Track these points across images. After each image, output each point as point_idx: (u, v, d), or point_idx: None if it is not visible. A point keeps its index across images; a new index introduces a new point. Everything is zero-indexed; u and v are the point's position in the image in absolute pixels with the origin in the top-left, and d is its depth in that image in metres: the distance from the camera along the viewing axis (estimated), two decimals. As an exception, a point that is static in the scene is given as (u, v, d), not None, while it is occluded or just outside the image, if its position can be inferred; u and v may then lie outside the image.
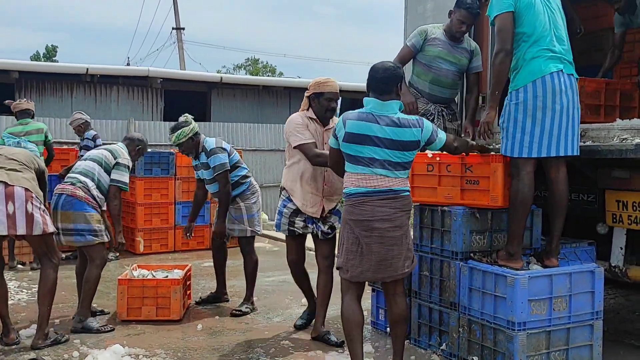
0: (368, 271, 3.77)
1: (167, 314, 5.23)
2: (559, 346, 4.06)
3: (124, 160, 5.20)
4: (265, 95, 14.90)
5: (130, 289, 5.21)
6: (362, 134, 3.75)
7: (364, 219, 3.72)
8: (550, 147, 4.06)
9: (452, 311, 4.39)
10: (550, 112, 4.04)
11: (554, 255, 4.24)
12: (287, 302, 5.99)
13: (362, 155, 3.75)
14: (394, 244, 3.75)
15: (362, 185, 3.75)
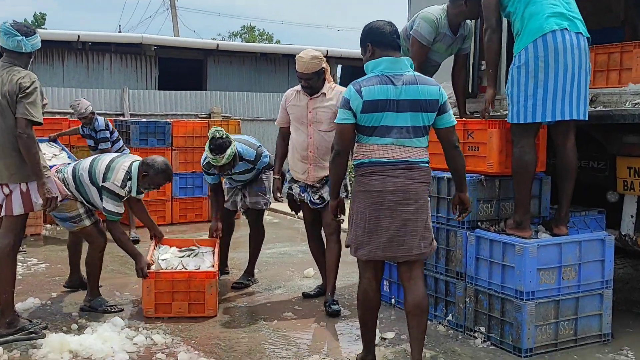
0: (377, 249, 3.50)
1: (201, 310, 4.70)
2: (567, 316, 4.10)
3: (109, 184, 4.65)
4: (263, 63, 14.79)
5: (158, 283, 4.67)
6: (382, 100, 3.44)
7: (374, 190, 3.46)
8: (554, 111, 4.03)
9: (458, 281, 4.41)
10: (553, 72, 3.99)
11: (563, 224, 4.25)
12: (288, 274, 6.02)
13: (380, 124, 3.46)
14: (407, 219, 3.46)
15: (375, 156, 3.48)
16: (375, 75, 3.51)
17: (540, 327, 4.01)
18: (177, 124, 9.07)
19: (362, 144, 3.54)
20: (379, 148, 3.48)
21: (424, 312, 3.53)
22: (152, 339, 4.22)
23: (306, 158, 4.92)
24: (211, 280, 4.71)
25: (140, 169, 4.79)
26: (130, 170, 4.77)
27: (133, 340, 4.16)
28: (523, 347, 3.96)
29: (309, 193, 4.96)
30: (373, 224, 3.48)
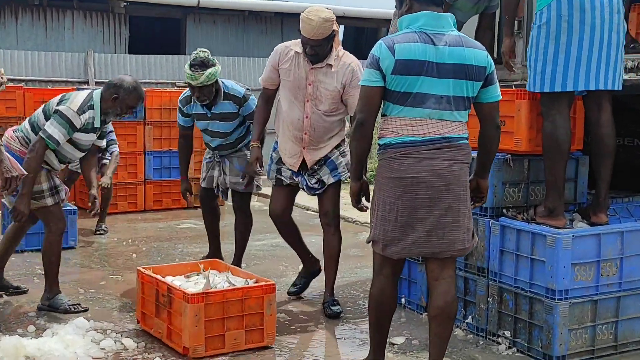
0: (412, 245, 3.43)
1: (258, 337, 4.19)
2: (607, 318, 4.12)
3: (65, 109, 4.63)
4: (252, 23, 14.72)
5: (209, 308, 4.05)
6: (418, 61, 3.34)
7: (408, 177, 3.37)
8: (577, 80, 4.04)
9: (479, 278, 4.43)
10: (578, 35, 3.99)
11: (602, 211, 4.27)
12: (281, 269, 6.05)
13: (415, 91, 3.37)
14: (449, 207, 3.39)
15: (406, 134, 3.39)
16: (412, 31, 3.42)
17: (575, 332, 4.03)
18: (151, 93, 9.03)
19: (390, 117, 3.46)
20: (411, 123, 3.41)
21: (451, 318, 3.50)
22: (122, 343, 4.24)
23: (300, 140, 4.80)
24: (270, 296, 4.22)
25: (106, 93, 4.75)
26: (92, 97, 4.75)
27: (100, 345, 4.17)
28: (554, 355, 3.98)
29: (305, 176, 4.88)
30: (407, 217, 3.42)
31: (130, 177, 8.73)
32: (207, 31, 14.32)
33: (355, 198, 3.69)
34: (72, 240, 6.62)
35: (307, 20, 4.51)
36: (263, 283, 4.27)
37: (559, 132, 4.10)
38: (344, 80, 4.66)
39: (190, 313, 3.95)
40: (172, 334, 4.15)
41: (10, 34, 12.53)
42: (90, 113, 4.71)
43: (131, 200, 8.76)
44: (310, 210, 9.01)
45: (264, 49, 14.68)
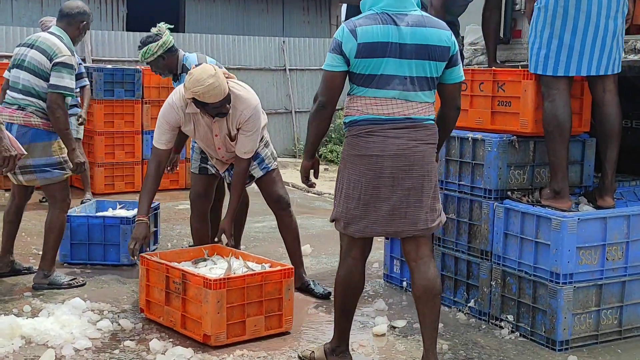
0: (375, 224, 3.47)
1: (277, 324, 4.17)
2: (611, 303, 4.14)
3: (62, 57, 4.76)
4: (252, 1, 14.66)
5: (230, 294, 3.99)
6: (381, 43, 3.37)
7: (372, 155, 3.41)
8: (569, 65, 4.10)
9: (483, 261, 4.44)
10: (572, 21, 4.05)
11: (608, 194, 4.27)
12: (281, 251, 6.03)
13: (379, 72, 3.40)
14: (412, 187, 3.44)
15: (371, 112, 3.44)
16: (374, 13, 3.45)
17: (579, 316, 4.04)
18: (149, 71, 8.87)
19: (356, 96, 3.48)
20: (377, 102, 3.43)
21: (435, 296, 3.52)
22: (119, 324, 4.26)
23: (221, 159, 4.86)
24: (289, 280, 4.19)
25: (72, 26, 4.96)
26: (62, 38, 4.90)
27: (97, 325, 4.19)
28: (558, 339, 4.00)
29: (231, 170, 4.86)
30: (370, 195, 3.45)
31: (128, 157, 8.73)
32: (206, 9, 14.27)
33: (305, 174, 3.72)
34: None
35: (209, 88, 4.23)
36: (280, 267, 4.24)
37: (558, 112, 4.12)
38: (239, 122, 4.54)
39: (213, 299, 3.88)
40: (187, 322, 4.10)
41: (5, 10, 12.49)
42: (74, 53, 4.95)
43: (128, 181, 8.77)
44: (310, 193, 9.02)
45: (264, 28, 14.64)
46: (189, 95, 4.30)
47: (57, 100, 4.73)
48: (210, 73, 4.24)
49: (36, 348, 3.90)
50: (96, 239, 5.50)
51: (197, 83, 4.22)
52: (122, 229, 5.47)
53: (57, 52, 4.78)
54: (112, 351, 3.90)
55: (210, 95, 4.25)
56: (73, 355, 3.82)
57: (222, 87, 4.28)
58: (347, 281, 3.61)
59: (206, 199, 5.04)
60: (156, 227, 6.04)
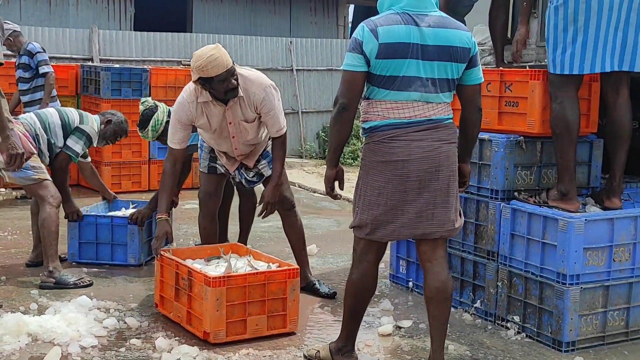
0: (403, 227, 3.45)
1: (281, 324, 4.16)
2: (618, 304, 4.13)
3: (87, 127, 5.28)
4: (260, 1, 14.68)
5: (230, 292, 4.02)
6: (403, 43, 3.33)
7: (398, 160, 3.38)
8: (594, 62, 4.06)
9: (489, 262, 4.44)
10: (596, 16, 3.99)
11: (615, 195, 4.27)
12: (287, 251, 6.03)
13: (400, 74, 3.36)
14: (439, 188, 3.42)
15: (393, 117, 3.39)
16: (395, 12, 3.43)
17: (586, 317, 4.03)
18: (157, 71, 9.05)
19: (375, 101, 3.45)
20: (398, 106, 3.40)
21: (447, 298, 3.52)
22: (126, 322, 4.27)
23: (232, 158, 4.85)
24: (294, 280, 4.18)
25: (101, 118, 5.50)
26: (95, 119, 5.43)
27: (103, 323, 4.21)
28: (564, 340, 3.99)
29: (242, 170, 4.87)
30: (397, 200, 3.42)
31: (135, 156, 8.75)
32: (213, 9, 14.28)
33: (330, 185, 3.63)
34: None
35: (210, 60, 4.23)
36: (286, 267, 4.23)
37: (567, 113, 4.11)
38: (255, 106, 4.52)
39: (212, 297, 3.91)
40: (192, 319, 4.12)
41: (14, 9, 12.52)
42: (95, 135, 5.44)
43: (135, 180, 8.79)
44: (317, 193, 9.02)
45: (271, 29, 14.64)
46: (194, 76, 4.30)
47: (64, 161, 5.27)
48: (210, 47, 4.27)
49: (42, 345, 3.92)
50: (104, 239, 5.52)
51: (198, 58, 4.24)
52: (129, 229, 5.48)
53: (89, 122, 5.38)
54: (118, 349, 3.91)
55: (212, 67, 4.22)
56: (79, 353, 3.84)
57: (223, 58, 4.26)
58: (362, 284, 3.61)
59: (216, 198, 5.03)
60: None
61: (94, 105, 8.75)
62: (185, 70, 9.39)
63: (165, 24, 14.12)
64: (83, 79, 9.05)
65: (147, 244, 5.64)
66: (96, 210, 5.83)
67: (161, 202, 4.56)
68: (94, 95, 8.75)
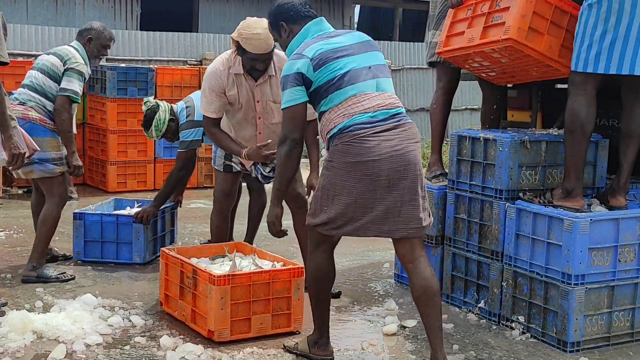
0: (370, 224, 3.51)
1: (285, 323, 4.14)
2: (623, 305, 4.12)
3: (75, 64, 5.06)
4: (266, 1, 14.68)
5: (235, 290, 4.01)
6: (331, 49, 3.55)
7: (368, 160, 3.43)
8: (621, 64, 4.03)
9: (493, 262, 4.43)
10: (628, 17, 3.98)
11: (622, 194, 4.27)
12: (292, 250, 6.05)
13: (344, 70, 3.51)
14: (406, 187, 3.48)
15: (356, 111, 3.48)
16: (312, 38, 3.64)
17: (591, 318, 4.02)
18: (162, 71, 9.06)
19: (334, 106, 3.53)
20: (357, 100, 3.51)
21: (435, 294, 3.54)
22: (131, 320, 4.27)
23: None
24: (298, 279, 4.16)
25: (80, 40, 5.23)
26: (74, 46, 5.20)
27: (108, 322, 4.21)
28: (569, 341, 3.98)
29: (259, 165, 4.83)
30: (366, 198, 3.48)
31: (140, 155, 8.76)
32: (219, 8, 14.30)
33: (279, 223, 3.76)
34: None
35: (254, 35, 4.33)
36: (291, 266, 4.22)
37: (582, 111, 4.10)
38: None
39: (216, 295, 3.91)
40: (196, 317, 4.12)
41: (20, 9, 12.56)
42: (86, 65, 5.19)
43: (140, 179, 8.80)
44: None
45: (277, 28, 14.64)
46: (235, 35, 4.39)
47: (64, 104, 4.98)
48: (262, 25, 4.28)
49: (47, 343, 3.92)
50: (109, 237, 5.53)
51: (246, 27, 4.33)
52: (134, 228, 5.48)
53: (72, 58, 5.07)
54: (122, 347, 3.92)
55: (251, 43, 4.32)
56: (84, 351, 3.84)
57: (266, 41, 4.33)
58: (320, 273, 3.70)
59: (231, 198, 5.04)
60: (173, 227, 6.07)
61: (100, 104, 8.77)
62: (191, 70, 9.41)
63: (171, 23, 14.14)
64: (89, 78, 9.04)
65: (152, 243, 5.65)
66: (102, 209, 5.84)
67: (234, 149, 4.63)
68: (100, 95, 8.76)
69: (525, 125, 5.36)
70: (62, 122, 4.97)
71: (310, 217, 3.65)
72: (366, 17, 19.64)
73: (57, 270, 5.08)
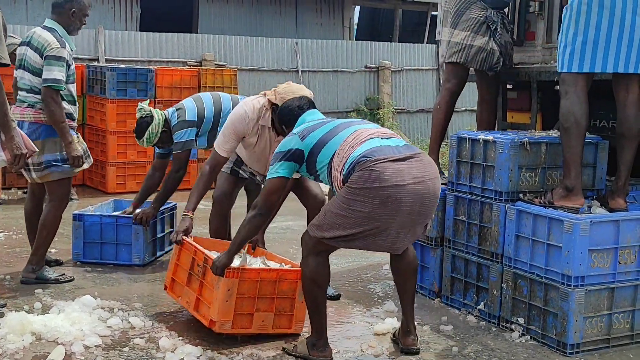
0: (383, 241, 3.64)
1: (286, 324, 4.14)
2: (623, 307, 4.11)
3: (51, 50, 4.84)
4: (265, 2, 14.69)
5: (242, 284, 4.01)
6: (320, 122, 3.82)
7: (391, 185, 3.48)
8: (594, 62, 4.11)
9: (493, 263, 4.42)
10: (596, 18, 4.06)
11: (621, 196, 4.26)
12: (291, 252, 6.05)
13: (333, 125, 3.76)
14: (422, 213, 3.63)
15: (364, 139, 3.63)
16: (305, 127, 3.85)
17: (591, 320, 4.02)
18: (162, 72, 9.06)
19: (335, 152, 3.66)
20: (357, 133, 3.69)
21: (415, 270, 3.98)
22: (130, 321, 4.26)
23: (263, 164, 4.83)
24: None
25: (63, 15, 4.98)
26: (55, 30, 4.95)
27: (107, 323, 4.20)
28: (569, 343, 3.98)
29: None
30: (384, 221, 3.56)
31: (140, 156, 8.75)
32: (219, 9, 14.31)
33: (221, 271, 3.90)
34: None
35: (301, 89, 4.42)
36: (298, 268, 4.14)
37: (575, 108, 4.15)
38: None
39: (223, 287, 3.92)
40: (200, 305, 4.14)
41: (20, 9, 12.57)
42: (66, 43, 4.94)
43: (140, 180, 8.72)
44: (321, 194, 9.00)
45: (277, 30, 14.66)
46: (278, 99, 4.40)
47: (50, 94, 4.82)
48: (306, 92, 4.34)
49: (46, 344, 3.91)
50: (109, 239, 5.52)
51: (291, 94, 4.33)
52: (134, 229, 5.48)
53: (47, 46, 4.85)
54: (121, 349, 3.91)
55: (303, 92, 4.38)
56: (83, 352, 3.83)
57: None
58: (317, 278, 3.73)
59: (231, 199, 5.04)
60: (172, 228, 6.06)
61: (100, 105, 8.77)
62: (190, 71, 9.40)
63: (170, 24, 14.15)
64: (89, 79, 9.06)
65: (151, 244, 5.64)
66: (101, 210, 5.83)
67: (190, 201, 4.57)
68: (100, 96, 8.76)
69: (525, 126, 5.38)
70: (52, 112, 4.81)
71: (317, 229, 3.67)
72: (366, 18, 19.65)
73: (56, 271, 5.08)
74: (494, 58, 4.95)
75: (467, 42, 4.94)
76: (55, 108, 4.82)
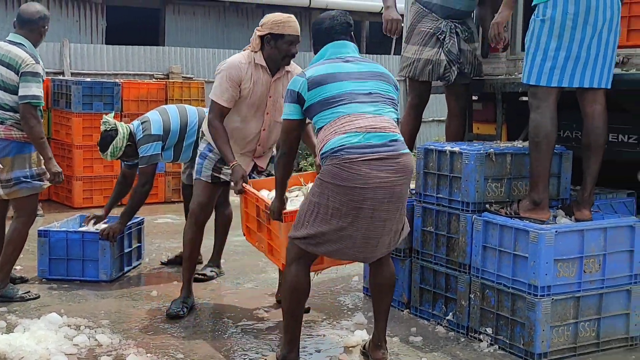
0: (348, 249, 3.64)
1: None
2: (589, 315, 4.15)
3: (27, 67, 4.79)
4: (232, 15, 14.68)
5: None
6: (331, 73, 3.67)
7: (355, 186, 3.50)
8: (573, 77, 4.16)
9: (461, 274, 4.45)
10: (580, 34, 4.11)
11: (586, 207, 4.30)
12: (260, 265, 6.04)
13: (341, 91, 3.61)
14: (387, 219, 3.60)
15: (349, 130, 3.54)
16: (324, 60, 3.79)
17: (557, 329, 4.05)
18: (128, 85, 8.99)
19: (325, 125, 3.62)
20: (350, 119, 3.58)
21: (392, 286, 3.94)
22: (97, 339, 4.22)
23: (251, 152, 4.78)
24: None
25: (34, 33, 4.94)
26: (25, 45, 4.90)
27: (73, 341, 4.15)
28: (536, 352, 4.01)
29: (254, 173, 4.82)
30: (348, 223, 3.57)
31: (107, 170, 8.67)
32: (186, 22, 14.26)
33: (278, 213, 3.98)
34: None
35: (290, 22, 4.56)
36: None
37: (547, 122, 4.18)
38: None
39: (285, 231, 3.98)
40: (272, 250, 4.33)
41: None
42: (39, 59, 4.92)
43: (107, 195, 8.62)
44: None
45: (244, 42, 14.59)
46: (264, 31, 4.54)
47: (29, 111, 4.79)
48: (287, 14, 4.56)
49: (11, 364, 3.86)
50: (75, 255, 5.45)
51: (276, 16, 4.54)
52: (101, 245, 5.42)
53: (21, 63, 4.81)
54: (88, 367, 3.87)
55: (289, 26, 4.53)
56: (49, 371, 3.79)
57: (297, 26, 4.58)
58: (296, 288, 3.72)
59: (209, 210, 4.93)
60: (140, 243, 6.01)
61: (65, 119, 8.69)
62: (157, 84, 9.35)
63: (137, 37, 14.06)
64: (54, 92, 8.96)
65: (118, 260, 5.59)
66: (67, 225, 5.77)
67: (227, 152, 4.49)
68: (65, 110, 8.68)
69: (490, 137, 5.43)
70: (32, 129, 4.78)
71: (292, 229, 3.71)
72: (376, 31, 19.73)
73: (21, 289, 5.00)
74: (441, 69, 4.93)
75: (415, 56, 4.97)
76: (35, 124, 4.79)
